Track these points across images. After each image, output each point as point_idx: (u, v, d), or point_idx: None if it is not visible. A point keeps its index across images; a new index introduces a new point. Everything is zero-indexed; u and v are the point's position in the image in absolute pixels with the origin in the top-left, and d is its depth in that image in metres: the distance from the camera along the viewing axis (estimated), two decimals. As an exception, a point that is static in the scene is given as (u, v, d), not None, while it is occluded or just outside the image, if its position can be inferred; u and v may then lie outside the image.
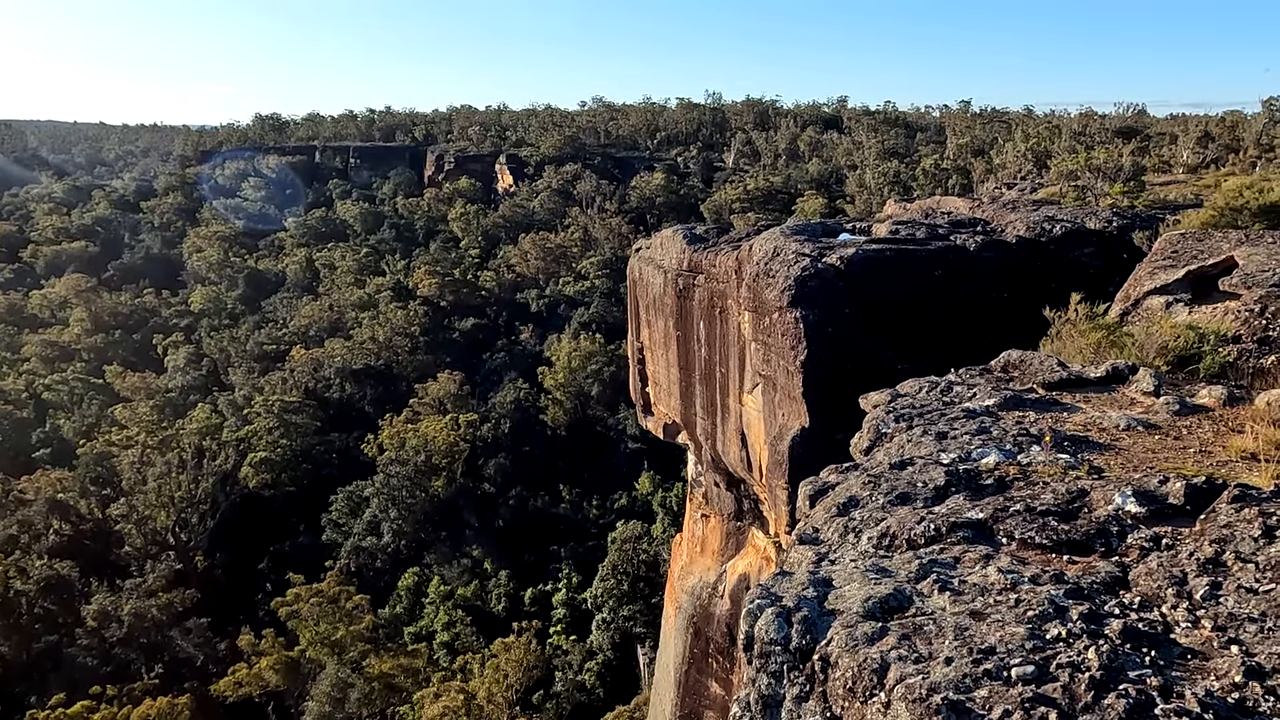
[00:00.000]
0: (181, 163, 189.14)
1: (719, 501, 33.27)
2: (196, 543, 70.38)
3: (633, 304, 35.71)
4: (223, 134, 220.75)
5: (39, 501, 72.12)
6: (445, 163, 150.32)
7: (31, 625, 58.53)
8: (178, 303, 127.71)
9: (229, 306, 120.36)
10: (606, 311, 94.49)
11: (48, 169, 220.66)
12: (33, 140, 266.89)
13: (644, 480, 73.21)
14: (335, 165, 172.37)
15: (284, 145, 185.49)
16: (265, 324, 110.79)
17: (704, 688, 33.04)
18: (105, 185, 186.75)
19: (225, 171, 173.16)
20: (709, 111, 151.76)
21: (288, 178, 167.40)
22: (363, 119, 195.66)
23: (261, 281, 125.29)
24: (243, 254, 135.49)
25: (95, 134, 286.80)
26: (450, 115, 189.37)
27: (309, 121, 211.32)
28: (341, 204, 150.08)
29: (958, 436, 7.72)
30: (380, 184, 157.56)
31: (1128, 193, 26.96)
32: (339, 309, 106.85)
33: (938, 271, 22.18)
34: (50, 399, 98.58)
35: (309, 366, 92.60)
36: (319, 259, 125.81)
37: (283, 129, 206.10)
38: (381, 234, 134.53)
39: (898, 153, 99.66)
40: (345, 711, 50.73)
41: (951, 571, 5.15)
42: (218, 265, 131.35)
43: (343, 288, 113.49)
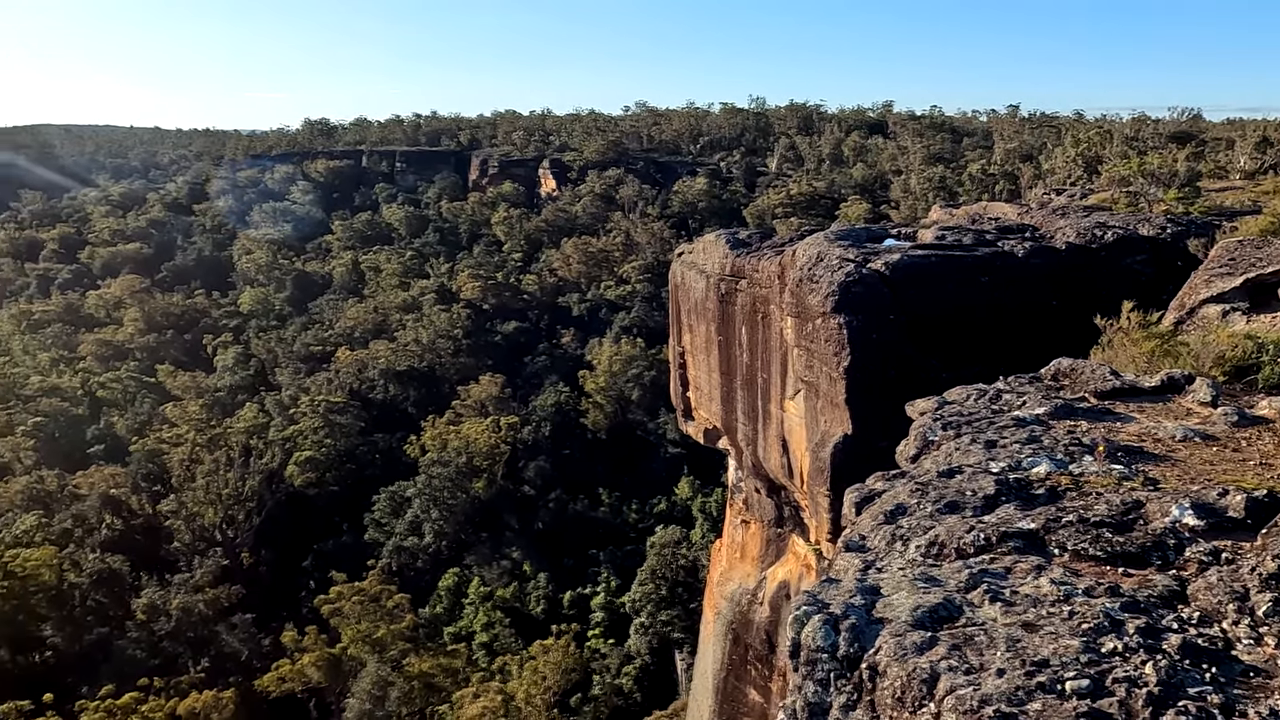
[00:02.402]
0: (233, 167, 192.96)
1: (759, 508, 33.08)
2: (243, 539, 71.60)
3: (674, 308, 35.67)
4: (273, 138, 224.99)
5: (93, 497, 73.96)
6: (489, 167, 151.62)
7: (84, 617, 59.95)
8: (227, 304, 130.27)
9: (277, 308, 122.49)
10: (647, 316, 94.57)
11: (105, 173, 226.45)
12: (91, 145, 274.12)
13: (683, 485, 73.08)
14: (381, 169, 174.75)
15: (332, 150, 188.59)
16: (312, 325, 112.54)
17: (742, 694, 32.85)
18: (159, 189, 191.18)
19: (275, 175, 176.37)
20: (752, 116, 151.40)
21: (335, 181, 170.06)
22: (409, 124, 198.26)
23: (308, 284, 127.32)
24: (291, 256, 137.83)
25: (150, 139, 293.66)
26: (495, 120, 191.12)
27: (356, 126, 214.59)
28: (387, 208, 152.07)
29: (1007, 445, 7.60)
30: (425, 188, 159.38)
31: (1182, 199, 26.37)
32: (384, 311, 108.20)
33: (984, 278, 21.87)
34: (104, 397, 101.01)
35: (354, 368, 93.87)
36: (365, 262, 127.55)
37: (331, 134, 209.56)
38: (426, 237, 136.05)
39: (943, 158, 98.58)
40: (385, 709, 51.23)
41: (1002, 582, 5.06)
42: (266, 267, 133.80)
43: (387, 290, 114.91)
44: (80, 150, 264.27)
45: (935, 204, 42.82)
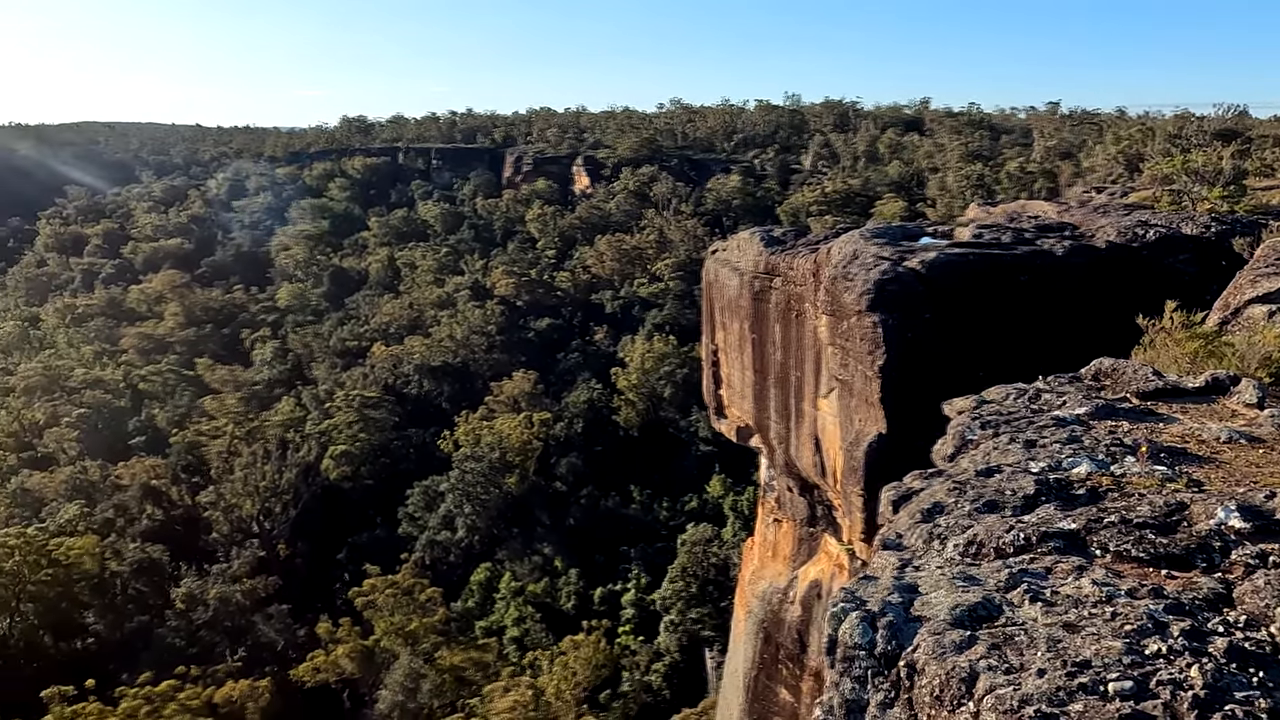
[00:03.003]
0: (272, 163, 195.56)
1: (791, 507, 32.94)
2: (279, 531, 72.61)
3: (708, 306, 35.60)
4: (311, 136, 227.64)
5: (134, 487, 75.39)
6: (524, 164, 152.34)
7: (125, 605, 61.15)
8: (265, 299, 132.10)
9: (313, 303, 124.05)
10: (680, 313, 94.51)
11: (148, 169, 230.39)
12: (134, 142, 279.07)
13: (715, 483, 72.98)
14: (417, 166, 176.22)
15: (369, 147, 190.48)
16: (348, 321, 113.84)
17: (773, 694, 32.75)
18: (200, 185, 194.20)
19: (313, 172, 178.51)
20: (787, 113, 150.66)
21: (372, 178, 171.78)
22: (445, 121, 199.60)
23: (345, 279, 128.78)
24: (327, 252, 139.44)
25: (192, 136, 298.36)
26: (529, 117, 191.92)
27: (393, 124, 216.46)
28: (423, 204, 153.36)
29: (1047, 445, 7.50)
30: (460, 185, 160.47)
31: (1227, 197, 25.84)
32: (418, 307, 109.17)
33: (1023, 277, 21.60)
34: (145, 389, 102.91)
35: (389, 363, 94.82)
36: (400, 258, 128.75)
37: (368, 131, 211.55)
38: (461, 234, 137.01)
39: (981, 155, 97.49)
40: (417, 702, 51.71)
41: (1043, 582, 5.00)
42: (304, 263, 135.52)
43: (422, 286, 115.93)
44: (124, 147, 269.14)
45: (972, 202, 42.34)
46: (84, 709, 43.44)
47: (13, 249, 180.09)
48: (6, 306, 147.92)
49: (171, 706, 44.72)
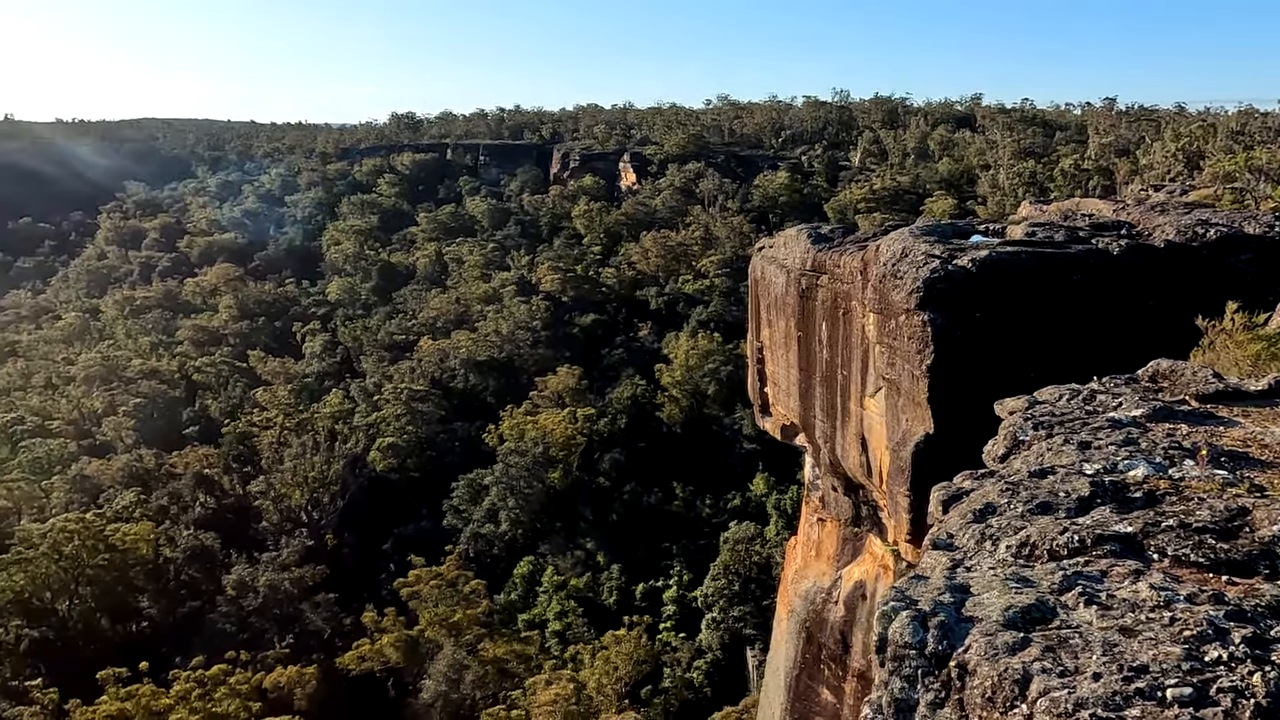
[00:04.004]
0: (323, 159, 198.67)
1: (836, 506, 32.71)
2: (327, 521, 73.83)
3: (753, 303, 35.45)
4: (361, 132, 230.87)
5: (187, 476, 77.19)
6: (570, 160, 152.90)
7: (178, 591, 62.67)
8: (316, 292, 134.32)
9: (363, 297, 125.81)
10: (725, 310, 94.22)
11: (204, 165, 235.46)
12: (191, 138, 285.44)
13: (758, 481, 72.68)
14: (465, 163, 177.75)
15: (418, 143, 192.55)
16: (396, 315, 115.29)
17: (814, 694, 32.56)
18: (254, 180, 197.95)
19: (363, 168, 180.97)
20: (835, 109, 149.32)
21: (420, 174, 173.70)
22: (492, 118, 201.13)
23: (393, 274, 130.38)
24: (376, 247, 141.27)
25: (246, 132, 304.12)
26: (576, 114, 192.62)
27: (442, 120, 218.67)
28: (470, 200, 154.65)
29: (1102, 447, 7.36)
30: (507, 181, 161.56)
31: (1293, 195, 25.09)
32: (465, 302, 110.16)
33: (1076, 276, 21.17)
34: (199, 380, 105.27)
35: (436, 357, 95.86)
36: (448, 253, 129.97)
37: (417, 127, 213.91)
38: (507, 230, 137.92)
39: (1034, 152, 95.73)
40: (460, 692, 52.27)
41: (1098, 585, 4.92)
42: (353, 258, 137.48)
43: (469, 281, 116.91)
44: (181, 143, 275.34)
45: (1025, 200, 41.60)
46: (138, 691, 44.56)
47: (74, 242, 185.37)
48: (68, 298, 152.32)
49: (222, 690, 45.70)
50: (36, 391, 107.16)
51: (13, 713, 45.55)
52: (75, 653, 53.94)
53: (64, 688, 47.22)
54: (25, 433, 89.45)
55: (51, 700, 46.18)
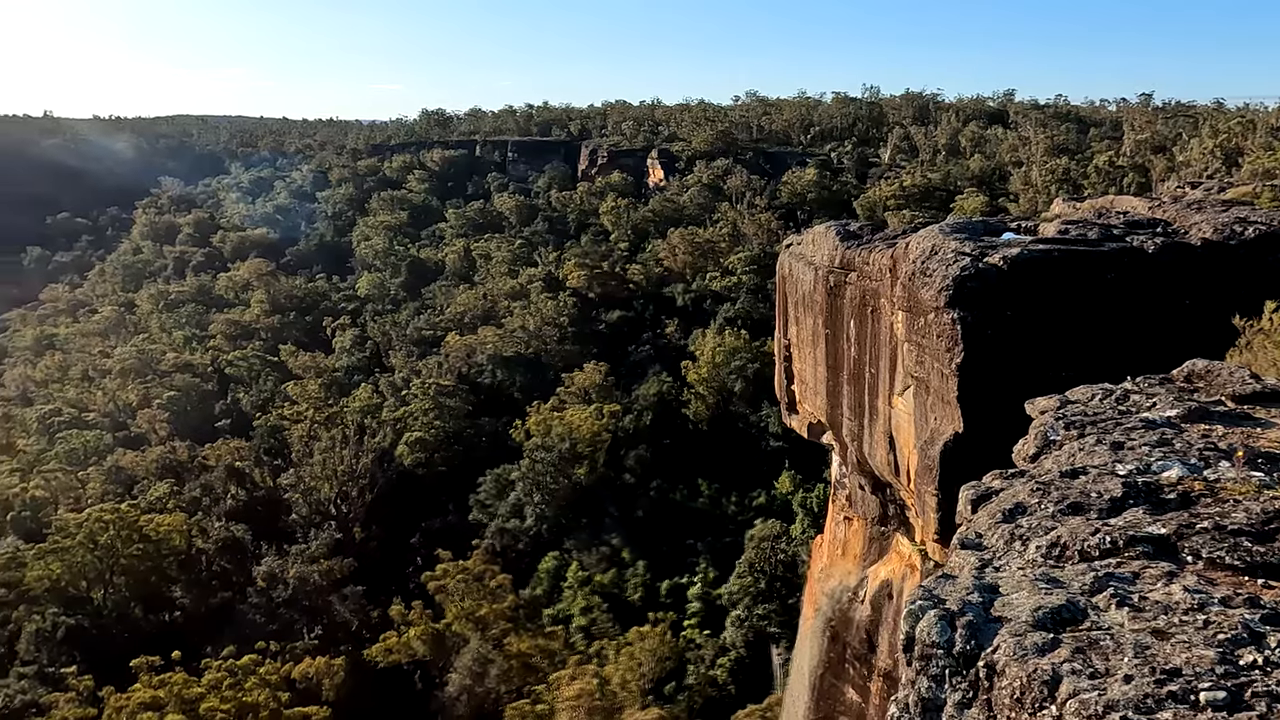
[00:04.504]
0: (354, 156, 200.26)
1: (862, 505, 32.52)
2: (355, 515, 74.48)
3: (781, 300, 35.29)
4: (392, 129, 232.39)
5: (219, 468, 78.23)
6: (598, 157, 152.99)
7: (209, 581, 63.53)
8: (346, 288, 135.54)
9: (392, 293, 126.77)
10: (752, 308, 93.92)
11: (236, 161, 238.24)
12: (224, 134, 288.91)
13: (784, 479, 72.44)
14: (494, 159, 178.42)
15: (447, 140, 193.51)
16: (424, 310, 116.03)
17: (839, 693, 32.41)
18: (285, 176, 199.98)
19: (393, 164, 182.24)
20: (865, 106, 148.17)
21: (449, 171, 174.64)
22: (521, 114, 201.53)
23: (422, 270, 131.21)
24: (406, 243, 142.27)
25: (278, 128, 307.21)
26: (604, 110, 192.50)
27: (471, 117, 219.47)
28: (498, 197, 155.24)
29: (1135, 447, 7.26)
30: (535, 178, 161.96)
31: (1335, 193, 24.58)
32: (492, 298, 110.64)
33: (1110, 274, 20.87)
34: (232, 374, 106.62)
35: (463, 352, 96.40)
36: (476, 249, 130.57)
37: (446, 124, 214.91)
38: (535, 226, 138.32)
39: (1068, 149, 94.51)
40: (485, 686, 52.59)
41: (1130, 587, 4.86)
42: (383, 253, 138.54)
43: (497, 277, 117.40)
44: (215, 140, 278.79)
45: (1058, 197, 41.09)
46: (171, 679, 45.25)
47: (111, 237, 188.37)
48: (104, 292, 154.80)
49: (252, 680, 46.29)
50: (73, 384, 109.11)
51: (49, 699, 46.42)
52: (110, 641, 54.85)
53: (99, 675, 48.08)
54: (63, 424, 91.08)
55: (86, 687, 47.02)
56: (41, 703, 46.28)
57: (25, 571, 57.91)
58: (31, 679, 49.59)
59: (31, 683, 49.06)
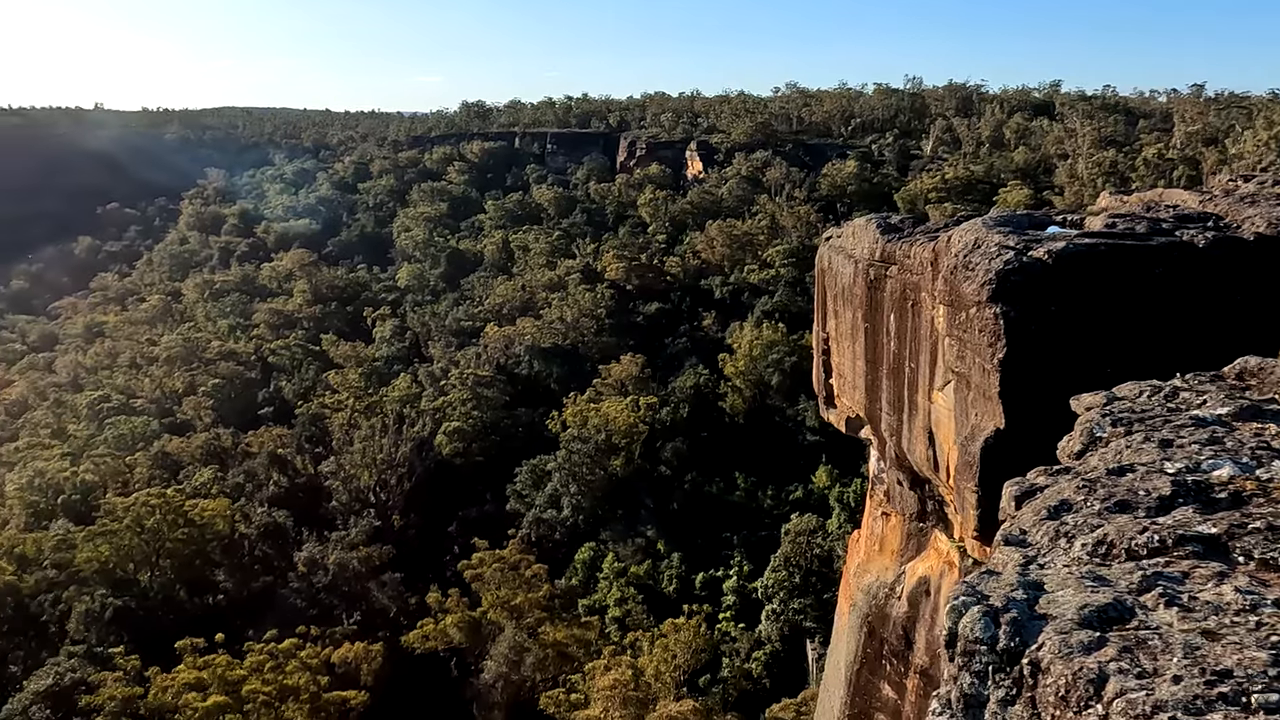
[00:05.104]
0: (395, 148, 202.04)
1: (900, 500, 32.23)
2: (394, 503, 75.39)
3: (820, 293, 35.00)
4: (432, 120, 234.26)
5: (262, 455, 79.58)
6: (637, 149, 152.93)
7: (252, 565, 64.71)
8: (386, 278, 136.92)
9: (431, 284, 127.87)
10: (790, 301, 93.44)
11: (280, 152, 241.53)
12: (269, 126, 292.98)
13: (821, 473, 72.06)
14: (533, 151, 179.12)
15: (487, 131, 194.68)
16: (463, 301, 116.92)
17: (875, 689, 32.21)
18: (328, 168, 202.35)
19: (433, 156, 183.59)
20: (907, 97, 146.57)
21: (489, 162, 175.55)
22: (560, 106, 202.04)
23: (461, 261, 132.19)
24: (445, 234, 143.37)
25: (321, 120, 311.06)
26: (643, 102, 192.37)
27: (510, 109, 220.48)
28: (537, 188, 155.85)
29: (1185, 445, 7.12)
30: (574, 169, 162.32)
31: (1396, 187, 23.82)
32: (531, 289, 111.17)
33: (1158, 269, 20.43)
34: (274, 362, 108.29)
35: (501, 343, 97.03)
36: (514, 241, 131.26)
37: (486, 116, 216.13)
38: (573, 218, 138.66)
39: (1115, 141, 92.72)
40: (520, 674, 53.02)
41: (1179, 586, 4.78)
42: (423, 244, 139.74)
43: (535, 269, 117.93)
44: (259, 131, 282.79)
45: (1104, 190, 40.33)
46: (214, 661, 46.20)
47: (159, 227, 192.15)
48: (152, 281, 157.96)
49: (293, 664, 47.11)
50: (122, 371, 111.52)
51: (97, 677, 47.61)
52: (155, 622, 56.11)
53: (145, 655, 49.21)
54: (111, 410, 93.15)
55: (133, 667, 48.16)
56: (90, 681, 47.47)
57: (75, 553, 59.44)
58: (81, 658, 50.91)
59: (81, 661, 50.36)
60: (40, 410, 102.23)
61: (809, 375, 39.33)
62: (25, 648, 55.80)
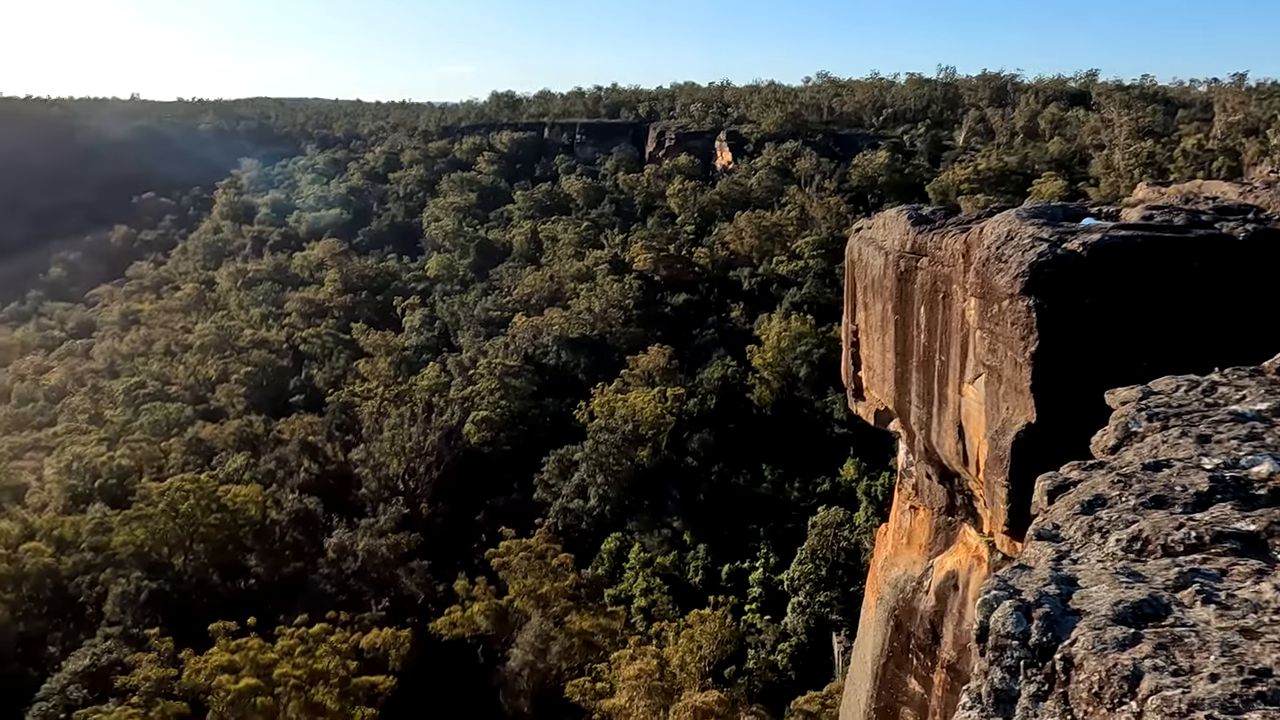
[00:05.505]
0: (425, 138, 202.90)
1: (929, 494, 32.00)
2: (422, 491, 75.98)
3: (849, 285, 34.75)
4: (462, 111, 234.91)
5: (293, 442, 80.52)
6: (666, 139, 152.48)
7: (283, 551, 65.55)
8: (416, 268, 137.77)
9: (460, 273, 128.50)
10: (819, 292, 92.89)
11: (312, 142, 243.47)
12: (301, 117, 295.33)
13: (849, 466, 71.71)
14: (562, 141, 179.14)
15: (516, 122, 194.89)
16: (491, 291, 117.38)
17: (901, 683, 32.06)
18: (359, 158, 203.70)
19: (463, 146, 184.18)
20: (940, 87, 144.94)
21: (518, 153, 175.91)
22: (589, 96, 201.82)
23: (490, 251, 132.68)
24: (475, 224, 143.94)
25: (352, 110, 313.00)
26: (673, 92, 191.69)
27: (540, 99, 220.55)
28: (566, 179, 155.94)
29: (1223, 440, 6.99)
30: (603, 160, 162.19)
31: None
32: (559, 280, 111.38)
33: (1196, 262, 20.10)
34: (306, 350, 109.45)
35: (529, 333, 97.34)
36: (543, 231, 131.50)
37: (516, 106, 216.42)
38: (602, 208, 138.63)
39: (1153, 131, 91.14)
40: (546, 662, 53.31)
41: (1217, 583, 4.70)
42: (452, 234, 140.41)
43: (563, 259, 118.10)
44: (292, 122, 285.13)
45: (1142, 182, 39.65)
46: (246, 644, 46.88)
47: (193, 216, 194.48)
48: (186, 270, 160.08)
49: (323, 648, 47.71)
50: (157, 358, 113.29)
51: (133, 658, 48.52)
52: (189, 605, 57.05)
53: (178, 637, 50.06)
54: (147, 396, 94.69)
55: (167, 648, 49.02)
56: (126, 661, 48.40)
57: (112, 536, 60.57)
58: (117, 639, 51.92)
59: (117, 642, 51.36)
60: (78, 396, 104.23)
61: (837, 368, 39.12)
62: (63, 628, 57.01)
